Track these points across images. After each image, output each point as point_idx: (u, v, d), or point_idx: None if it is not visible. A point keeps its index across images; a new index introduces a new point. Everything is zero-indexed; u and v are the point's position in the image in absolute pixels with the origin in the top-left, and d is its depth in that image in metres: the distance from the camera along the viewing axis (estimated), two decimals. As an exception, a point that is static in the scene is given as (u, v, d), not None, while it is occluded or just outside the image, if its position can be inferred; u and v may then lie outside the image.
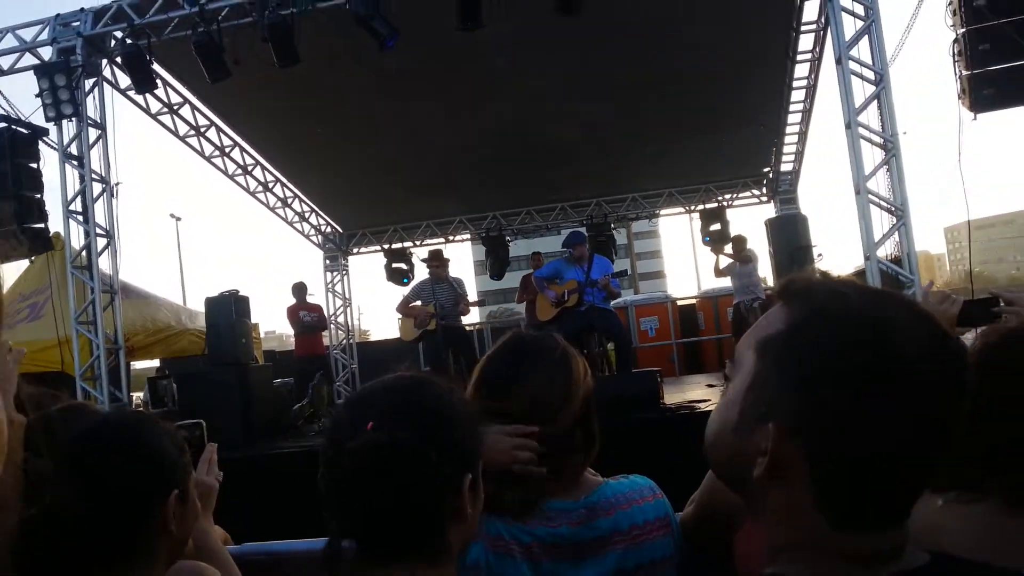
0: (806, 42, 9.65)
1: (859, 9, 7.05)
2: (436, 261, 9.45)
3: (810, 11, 8.97)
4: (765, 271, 11.40)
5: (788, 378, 0.80)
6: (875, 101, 7.05)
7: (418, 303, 9.36)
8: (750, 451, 0.81)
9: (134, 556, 1.29)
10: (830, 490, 0.78)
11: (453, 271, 9.75)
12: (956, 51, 6.99)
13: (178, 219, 38.08)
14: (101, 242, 8.35)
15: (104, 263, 8.41)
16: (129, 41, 7.97)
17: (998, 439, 1.14)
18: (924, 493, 0.82)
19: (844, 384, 0.76)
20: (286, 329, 19.01)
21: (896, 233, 7.09)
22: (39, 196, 8.02)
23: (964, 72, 6.86)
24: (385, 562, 1.10)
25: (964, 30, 6.82)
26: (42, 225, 8.07)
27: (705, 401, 7.64)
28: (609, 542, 1.46)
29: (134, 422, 1.40)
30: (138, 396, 10.85)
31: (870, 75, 7.06)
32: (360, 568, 1.11)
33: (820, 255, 9.50)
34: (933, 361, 0.76)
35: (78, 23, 8.07)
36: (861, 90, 7.12)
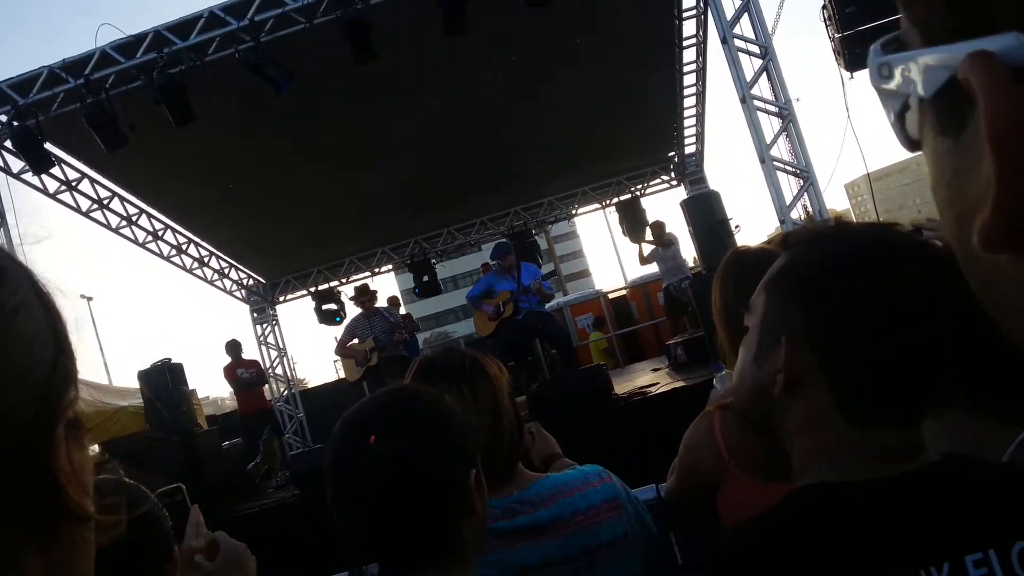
0: (690, 28, 10.01)
1: (735, -12, 7.35)
2: (364, 296, 9.42)
3: (690, -1, 9.29)
4: (688, 251, 11.70)
5: (793, 298, 0.89)
6: (764, 73, 7.35)
7: (355, 341, 9.29)
8: (769, 375, 0.89)
9: None
10: (845, 390, 0.85)
11: (384, 302, 9.73)
12: (826, 16, 7.36)
13: (89, 299, 36.69)
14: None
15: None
16: (16, 124, 7.71)
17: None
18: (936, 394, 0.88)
19: (837, 283, 0.85)
20: (221, 392, 18.52)
21: (804, 195, 7.40)
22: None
23: (836, 35, 7.21)
24: (408, 571, 1.14)
25: (833, -13, 7.19)
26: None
27: (655, 385, 7.79)
28: (548, 530, 1.49)
29: (130, 490, 1.41)
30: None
31: (755, 49, 7.36)
32: None
33: (737, 227, 9.81)
34: (917, 265, 0.84)
35: (-43, 112, 7.77)
36: (750, 65, 7.42)
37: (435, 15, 6.94)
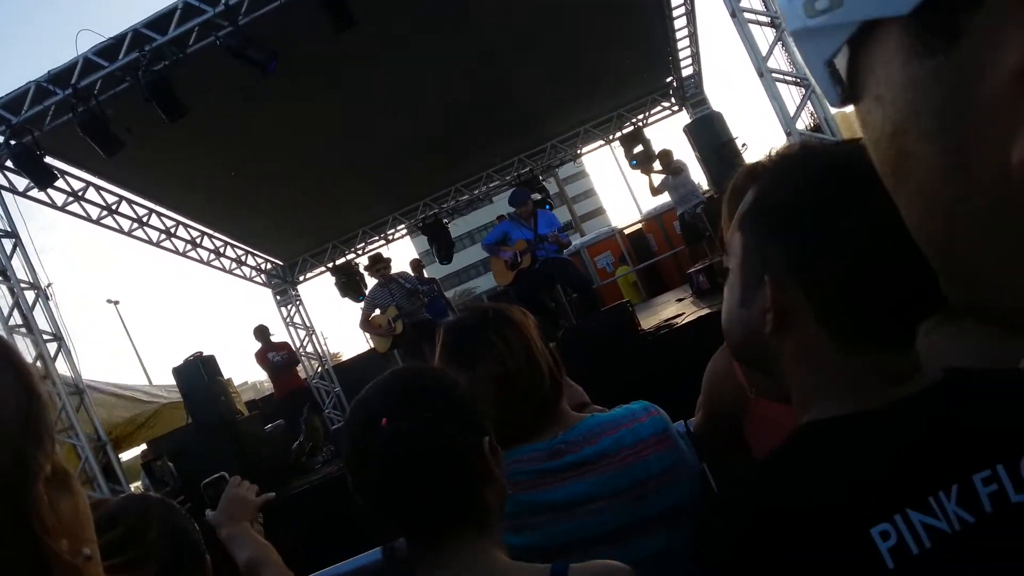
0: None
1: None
2: (378, 264, 9.46)
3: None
4: (698, 175, 11.59)
5: (769, 231, 0.87)
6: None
7: (376, 312, 9.35)
8: (757, 316, 0.88)
9: None
10: (836, 317, 0.83)
11: (407, 267, 9.77)
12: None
13: (116, 303, 37.21)
14: (52, 347, 8.16)
15: (61, 365, 8.24)
16: (13, 142, 7.73)
17: None
18: (927, 313, 0.86)
19: (812, 210, 0.83)
20: (258, 376, 18.81)
21: (808, 103, 7.26)
22: (-29, 321, 7.82)
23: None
24: (438, 543, 1.16)
25: None
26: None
27: (680, 315, 7.79)
28: (595, 466, 1.51)
29: (158, 507, 1.47)
30: (136, 485, 10.70)
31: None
32: (417, 558, 1.17)
33: (744, 145, 9.66)
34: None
35: (-46, 139, 7.81)
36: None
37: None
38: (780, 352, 0.88)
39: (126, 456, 11.78)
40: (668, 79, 13.86)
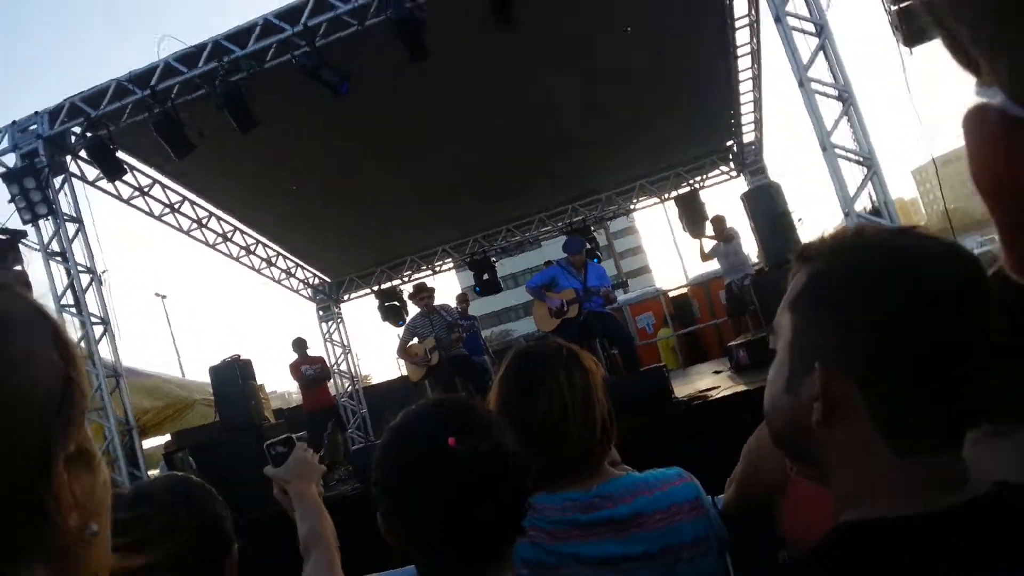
0: (741, 7, 9.71)
1: (788, -38, 7.11)
2: (422, 293, 9.48)
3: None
4: (750, 246, 11.47)
5: (824, 320, 0.85)
6: (821, 53, 7.08)
7: (415, 341, 9.38)
8: (804, 404, 0.84)
9: None
10: (888, 418, 0.80)
11: (452, 301, 9.82)
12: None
13: (163, 297, 38.04)
14: (98, 330, 8.43)
15: (103, 348, 8.47)
16: (89, 134, 8.05)
17: None
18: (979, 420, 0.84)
19: (874, 308, 0.80)
20: (288, 387, 18.93)
21: (869, 184, 7.13)
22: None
23: (892, 7, 6.89)
24: (480, 566, 1.17)
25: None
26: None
27: (715, 388, 7.63)
28: (632, 525, 1.51)
29: (197, 490, 1.50)
30: (154, 473, 10.84)
31: (811, 27, 7.07)
32: None
33: (800, 220, 9.61)
34: (949, 277, 0.80)
35: (35, 126, 8.16)
36: (806, 45, 7.12)
37: (485, 10, 6.97)
38: (825, 444, 0.85)
39: (150, 444, 11.96)
40: (729, 143, 13.81)
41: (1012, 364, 0.84)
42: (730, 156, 14.18)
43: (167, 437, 11.95)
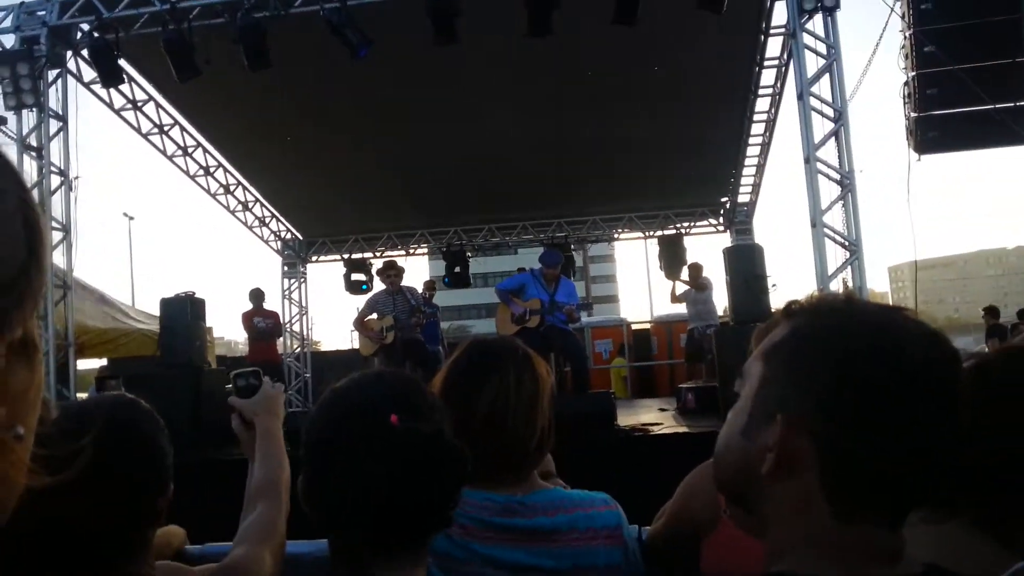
0: (768, 77, 9.93)
1: (821, 47, 7.26)
2: (392, 271, 9.40)
3: (773, 47, 9.23)
4: (720, 299, 11.63)
5: (795, 375, 0.84)
6: (833, 137, 7.26)
7: (374, 316, 9.31)
8: (757, 451, 0.84)
9: (133, 548, 1.30)
10: (837, 481, 0.80)
11: (420, 286, 9.79)
12: (906, 93, 7.25)
13: (131, 218, 37.42)
14: (56, 236, 8.15)
15: (58, 258, 8.23)
16: (96, 34, 7.85)
17: (980, 455, 1.04)
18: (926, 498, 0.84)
19: (849, 377, 0.80)
20: (236, 335, 18.70)
21: (849, 267, 7.28)
22: (-8, 186, 7.85)
23: (912, 114, 7.10)
24: (398, 548, 1.13)
25: (914, 73, 7.08)
26: (-7, 215, 7.90)
27: (658, 425, 7.71)
28: (547, 538, 1.50)
29: (145, 416, 1.41)
30: (82, 396, 10.59)
31: (829, 112, 7.26)
32: (370, 556, 1.13)
33: (774, 285, 9.73)
34: (932, 360, 0.80)
35: (44, 12, 7.91)
36: (820, 126, 7.31)
37: (522, 15, 6.97)
38: (769, 495, 0.85)
39: (83, 365, 11.71)
40: (723, 199, 14.01)
41: (966, 457, 0.84)
42: (721, 211, 14.39)
43: (103, 361, 11.71)
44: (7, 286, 0.48)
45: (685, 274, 11.80)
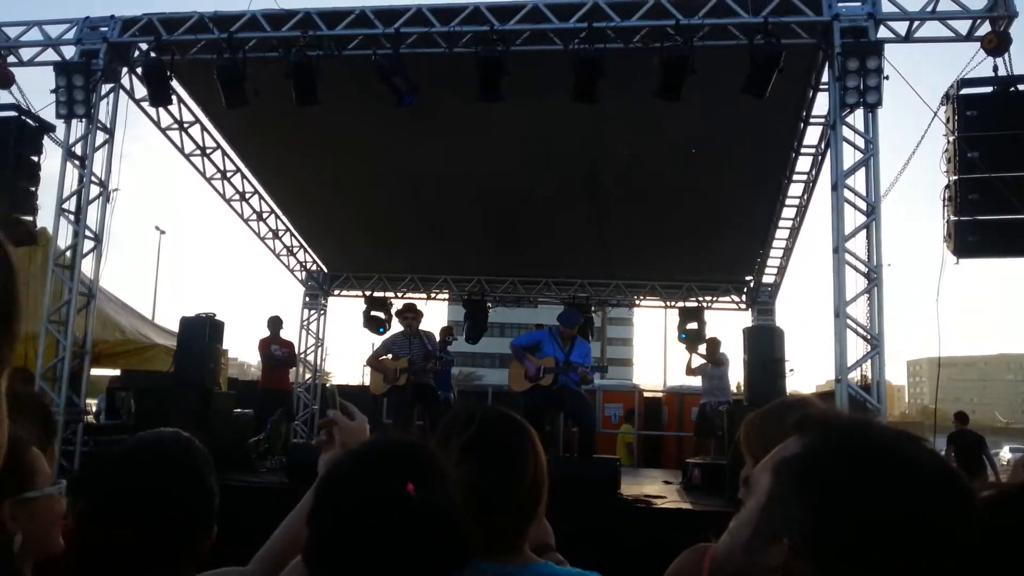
0: (804, 164, 10.02)
1: (859, 141, 7.30)
2: (410, 314, 9.39)
3: (812, 135, 9.33)
4: (735, 377, 11.55)
5: (805, 498, 0.82)
6: (864, 230, 7.26)
7: (388, 357, 9.29)
8: (759, 569, 0.83)
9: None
10: None
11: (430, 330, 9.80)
12: (947, 196, 7.25)
13: (162, 232, 37.93)
14: (88, 244, 8.29)
15: (86, 266, 8.36)
16: (153, 55, 8.09)
17: None
18: None
19: (868, 508, 0.78)
20: (249, 358, 18.74)
21: (868, 360, 7.22)
22: (34, 190, 8.03)
23: (952, 217, 7.10)
24: None
25: (956, 178, 7.10)
26: (31, 218, 8.07)
27: (661, 498, 7.63)
28: None
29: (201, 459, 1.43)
30: (92, 403, 10.63)
31: (862, 205, 7.25)
32: None
33: (792, 370, 9.67)
34: (946, 510, 0.79)
35: (106, 28, 8.19)
36: (852, 218, 7.31)
37: (568, 81, 7.11)
38: None
39: (96, 373, 11.79)
40: (748, 277, 13.99)
41: None
42: (744, 290, 14.35)
43: (116, 372, 11.76)
44: None
45: (703, 348, 11.75)
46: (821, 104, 8.27)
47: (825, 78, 7.73)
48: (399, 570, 1.09)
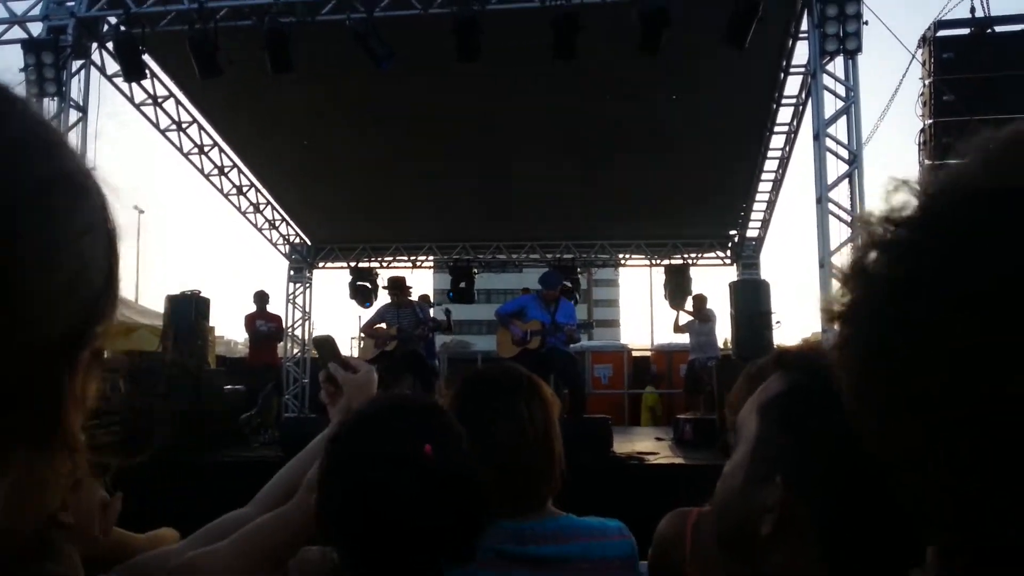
0: (784, 115, 9.98)
1: (840, 89, 7.28)
2: (397, 290, 9.48)
3: (792, 85, 9.28)
4: (723, 332, 11.61)
5: (792, 434, 0.82)
6: (847, 179, 7.27)
7: (382, 325, 9.37)
8: (757, 512, 0.82)
9: None
10: (835, 543, 0.79)
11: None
12: (921, 140, 7.27)
13: (141, 211, 37.44)
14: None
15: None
16: (123, 28, 7.92)
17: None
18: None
19: (846, 440, 0.75)
20: (236, 335, 18.70)
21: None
22: (8, 172, 7.89)
23: (926, 161, 7.11)
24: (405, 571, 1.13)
25: (931, 121, 7.10)
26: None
27: (654, 454, 7.70)
28: (556, 567, 1.48)
29: None
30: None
31: (844, 154, 7.25)
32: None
33: (778, 322, 9.68)
34: None
35: (72, 3, 8.00)
36: (834, 167, 7.31)
37: (547, 36, 7.03)
38: (767, 553, 0.83)
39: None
40: (732, 232, 14.03)
41: None
42: (729, 245, 14.41)
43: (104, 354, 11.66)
44: (95, 297, 0.50)
45: (689, 305, 11.78)
46: (801, 53, 8.22)
47: (804, 26, 7.67)
48: (418, 532, 1.09)
